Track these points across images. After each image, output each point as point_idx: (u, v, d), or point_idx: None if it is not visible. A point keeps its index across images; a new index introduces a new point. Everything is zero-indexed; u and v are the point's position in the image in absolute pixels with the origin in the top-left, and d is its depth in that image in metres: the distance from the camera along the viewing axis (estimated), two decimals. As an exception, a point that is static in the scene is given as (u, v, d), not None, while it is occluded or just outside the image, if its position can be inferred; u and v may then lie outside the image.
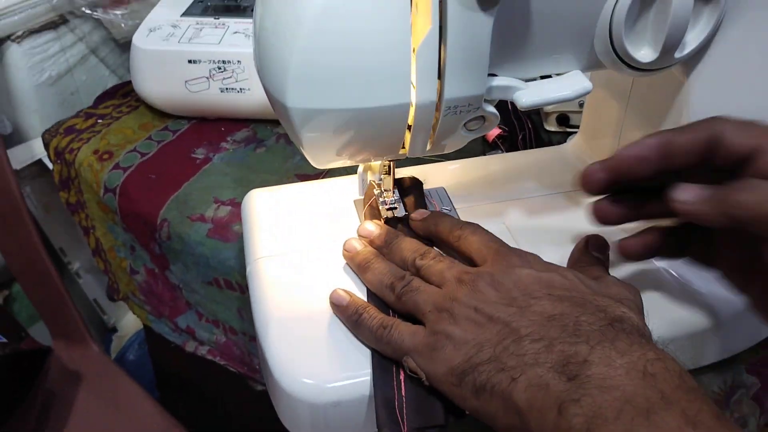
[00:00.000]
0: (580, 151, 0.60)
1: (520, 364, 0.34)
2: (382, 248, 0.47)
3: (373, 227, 0.48)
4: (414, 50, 0.37)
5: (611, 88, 0.52)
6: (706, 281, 0.47)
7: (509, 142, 0.73)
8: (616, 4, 0.38)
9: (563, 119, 0.75)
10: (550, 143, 0.74)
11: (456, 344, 0.37)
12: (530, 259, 0.41)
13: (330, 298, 0.45)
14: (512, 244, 0.49)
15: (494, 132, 0.73)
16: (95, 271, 1.21)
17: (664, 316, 0.46)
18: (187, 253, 0.64)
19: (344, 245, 0.48)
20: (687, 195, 0.36)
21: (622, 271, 0.48)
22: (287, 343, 0.44)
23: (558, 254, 0.49)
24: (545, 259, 0.48)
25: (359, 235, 0.49)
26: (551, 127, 0.76)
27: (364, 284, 0.46)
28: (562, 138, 0.74)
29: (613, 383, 0.31)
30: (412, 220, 0.49)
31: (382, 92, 0.37)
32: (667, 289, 0.47)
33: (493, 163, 0.60)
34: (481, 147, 0.74)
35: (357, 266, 0.47)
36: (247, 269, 0.49)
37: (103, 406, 0.89)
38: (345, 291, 0.45)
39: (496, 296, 0.38)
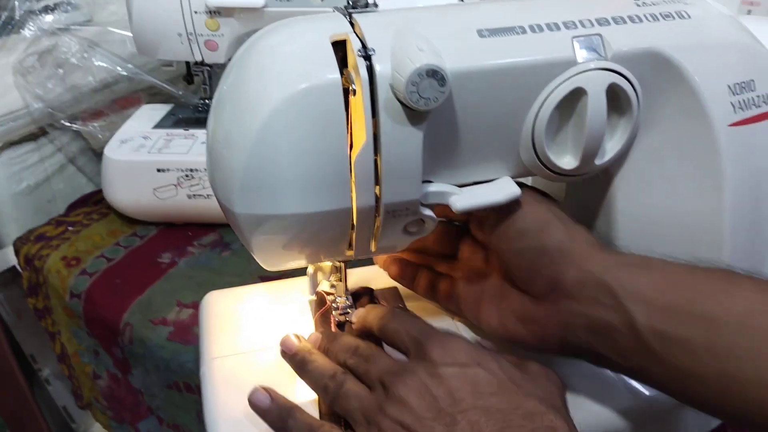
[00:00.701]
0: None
1: None
2: (325, 349, 0.47)
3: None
4: (352, 159, 0.40)
5: (548, 186, 0.56)
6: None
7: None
8: (536, 117, 0.42)
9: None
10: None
11: None
12: (451, 348, 0.41)
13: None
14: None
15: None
16: (65, 378, 1.20)
17: (610, 409, 0.47)
18: (148, 357, 0.65)
19: (281, 342, 0.47)
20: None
21: (564, 365, 0.49)
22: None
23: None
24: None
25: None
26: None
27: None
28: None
29: None
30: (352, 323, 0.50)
31: (325, 198, 0.40)
32: (610, 381, 0.48)
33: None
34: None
35: (295, 367, 0.46)
36: (201, 369, 0.50)
37: None
38: (268, 391, 0.45)
39: (422, 407, 0.38)
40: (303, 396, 0.46)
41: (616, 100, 0.42)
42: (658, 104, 0.43)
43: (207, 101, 0.86)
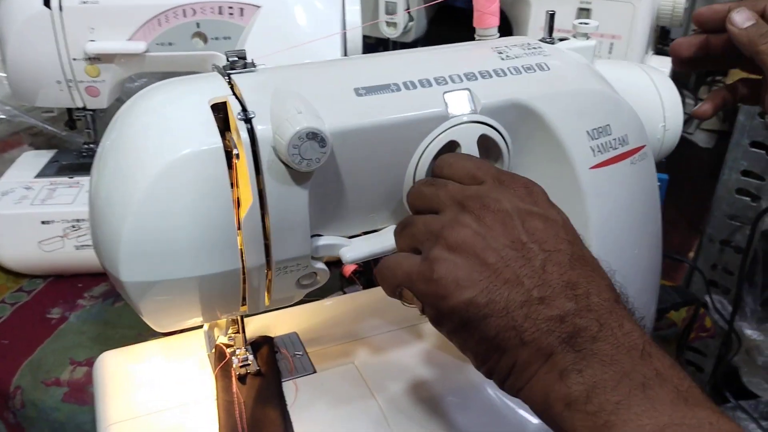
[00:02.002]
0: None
1: (531, 327, 0.33)
2: None
3: None
4: (240, 220, 0.41)
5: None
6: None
7: (365, 275, 0.78)
8: (416, 168, 0.44)
9: (414, 250, 0.81)
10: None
11: (458, 283, 0.34)
12: (536, 193, 0.38)
13: None
14: (362, 385, 0.52)
15: (350, 267, 0.78)
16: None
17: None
18: (42, 420, 0.62)
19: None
20: (738, 18, 0.51)
21: (458, 397, 0.52)
22: None
23: (402, 386, 0.53)
24: (392, 393, 0.51)
25: None
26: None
27: None
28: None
29: (615, 359, 0.32)
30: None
31: (213, 261, 0.41)
32: (499, 413, 0.51)
33: (344, 303, 0.64)
34: (339, 283, 0.78)
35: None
36: (98, 437, 0.49)
37: None
38: None
39: (505, 238, 0.35)
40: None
41: (488, 149, 0.45)
42: (525, 151, 0.46)
43: (91, 146, 0.84)
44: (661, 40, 1.02)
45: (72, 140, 0.95)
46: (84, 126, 0.83)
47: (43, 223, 0.72)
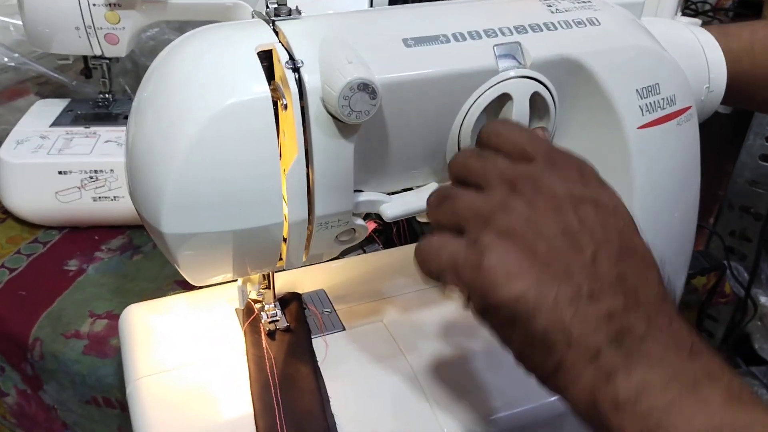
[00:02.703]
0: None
1: (579, 325, 0.32)
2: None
3: None
4: (284, 172, 0.39)
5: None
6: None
7: (385, 234, 0.77)
8: (462, 123, 0.43)
9: (433, 210, 0.80)
10: (423, 233, 0.78)
11: (508, 274, 0.32)
12: (589, 175, 0.36)
13: None
14: (391, 342, 0.52)
15: (370, 226, 0.77)
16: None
17: (534, 401, 0.49)
18: (62, 372, 0.62)
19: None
20: None
21: (490, 359, 0.51)
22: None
23: (432, 346, 0.52)
24: (422, 352, 0.51)
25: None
26: (423, 218, 0.80)
27: None
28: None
29: (664, 359, 0.31)
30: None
31: (256, 214, 0.39)
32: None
33: (371, 261, 0.64)
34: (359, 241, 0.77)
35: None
36: (127, 390, 0.48)
37: None
38: None
39: (557, 226, 0.33)
40: (237, 412, 0.46)
41: (535, 105, 0.44)
42: (573, 109, 0.45)
43: (107, 95, 0.82)
44: (685, 2, 1.00)
45: (80, 90, 0.93)
46: (99, 76, 0.81)
47: (60, 173, 0.71)
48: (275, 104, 0.38)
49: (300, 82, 0.38)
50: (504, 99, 0.42)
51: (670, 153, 0.47)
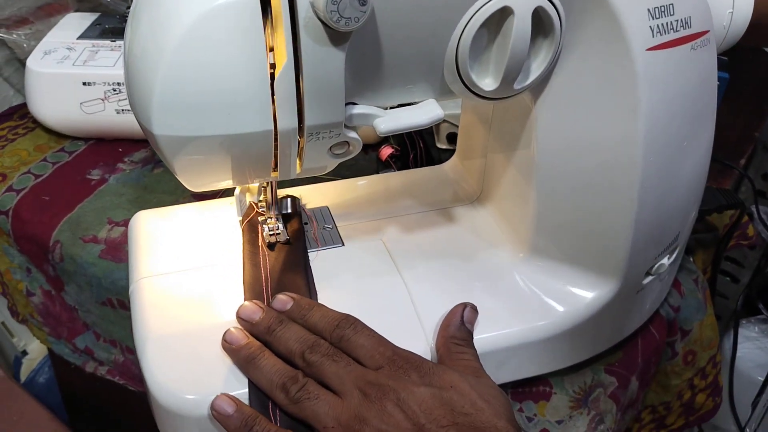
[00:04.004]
0: (456, 170, 0.63)
1: None
2: (265, 335, 0.45)
3: (254, 310, 0.46)
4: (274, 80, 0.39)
5: (477, 114, 0.57)
6: (561, 291, 0.51)
7: (402, 160, 0.77)
8: (460, 38, 0.42)
9: (454, 138, 0.79)
10: (441, 160, 0.77)
11: None
12: (424, 370, 0.42)
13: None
14: (388, 261, 0.52)
15: (387, 151, 0.77)
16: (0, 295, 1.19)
17: (522, 324, 0.49)
18: (80, 275, 0.64)
19: (224, 336, 0.45)
20: None
21: (484, 282, 0.52)
22: (166, 359, 0.45)
23: (429, 266, 0.53)
24: (418, 271, 0.51)
25: (238, 318, 0.46)
26: (442, 145, 0.80)
27: (250, 381, 0.44)
28: (452, 155, 0.78)
29: None
30: (275, 309, 0.47)
31: (245, 119, 0.40)
32: (525, 298, 0.51)
33: (377, 182, 0.64)
34: (375, 166, 0.77)
35: (241, 362, 0.44)
36: (130, 288, 0.51)
37: (8, 430, 0.87)
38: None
39: (406, 422, 0.39)
40: (231, 315, 0.47)
41: (540, 22, 0.42)
42: (580, 27, 0.43)
43: (135, 10, 0.82)
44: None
45: (117, 6, 0.94)
46: (128, -11, 0.82)
47: (84, 84, 0.72)
48: (265, 8, 0.38)
49: (290, -13, 0.37)
50: (505, 13, 0.41)
51: (682, 78, 0.46)
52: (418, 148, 0.77)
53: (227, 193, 0.68)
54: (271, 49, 0.39)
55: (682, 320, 0.63)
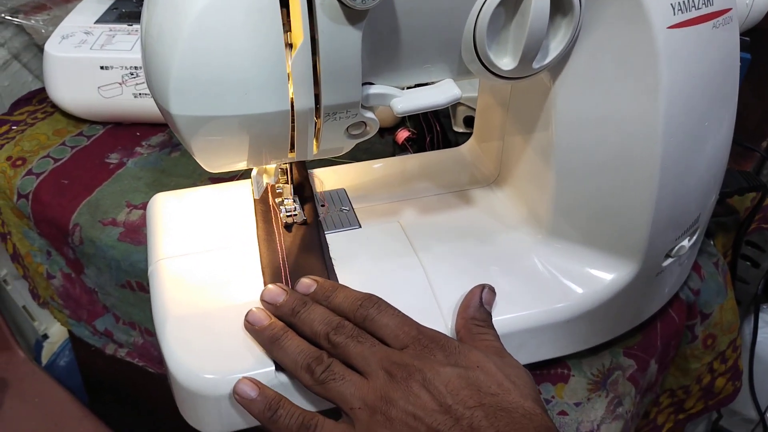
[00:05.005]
0: (473, 152, 0.63)
1: None
2: (290, 317, 0.45)
3: (278, 292, 0.46)
4: (290, 59, 0.39)
5: (495, 95, 0.56)
6: (579, 273, 0.51)
7: (418, 143, 0.76)
8: (478, 16, 0.41)
9: (470, 121, 0.78)
10: (457, 144, 0.77)
11: None
12: (450, 350, 0.42)
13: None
14: (405, 242, 0.52)
15: (403, 134, 0.76)
16: (22, 278, 1.20)
17: (542, 306, 0.49)
18: (99, 257, 0.65)
19: (247, 317, 0.45)
20: None
21: (502, 264, 0.51)
22: (185, 339, 0.46)
23: (446, 248, 0.52)
24: (435, 253, 0.51)
25: (262, 301, 0.46)
26: (459, 128, 0.79)
27: (273, 361, 0.44)
28: (468, 138, 0.78)
29: None
30: (298, 292, 0.47)
31: (262, 99, 0.40)
32: (543, 280, 0.51)
33: (395, 164, 0.63)
34: (391, 149, 0.77)
35: (265, 342, 0.44)
36: (149, 270, 0.51)
37: (29, 412, 0.89)
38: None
39: (432, 403, 0.39)
40: (248, 296, 0.47)
41: (559, 0, 0.42)
42: (599, 5, 0.43)
43: (151, -6, 0.83)
44: None
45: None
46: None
47: (101, 68, 0.72)
48: (282, -13, 0.38)
49: (306, -35, 0.37)
50: (523, -9, 0.41)
51: (703, 57, 0.45)
52: (434, 132, 0.76)
53: (244, 175, 0.68)
54: (288, 29, 0.39)
55: (702, 303, 0.63)
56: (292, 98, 0.40)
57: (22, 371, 0.96)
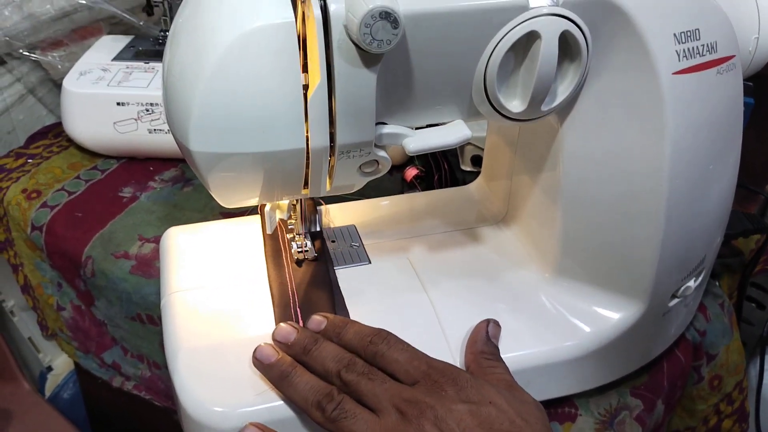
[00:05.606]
0: (482, 191, 0.64)
1: None
2: (301, 355, 0.45)
3: (289, 331, 0.46)
4: (307, 99, 0.41)
5: (503, 135, 0.57)
6: (586, 312, 0.51)
7: (426, 181, 0.78)
8: (488, 60, 0.43)
9: (478, 160, 0.80)
10: (465, 182, 0.78)
11: None
12: (461, 384, 0.42)
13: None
14: (414, 278, 0.53)
15: (412, 172, 0.78)
16: (29, 309, 1.20)
17: (550, 344, 0.50)
18: (110, 289, 0.66)
19: (255, 353, 0.45)
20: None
21: (509, 302, 0.52)
22: (196, 372, 0.46)
23: (454, 284, 0.53)
24: (444, 289, 0.52)
25: (274, 340, 0.46)
26: (467, 167, 0.80)
27: (284, 398, 0.44)
28: (476, 177, 0.79)
29: None
30: (309, 330, 0.47)
31: (279, 137, 0.41)
32: (550, 318, 0.51)
33: (404, 202, 0.65)
34: (400, 186, 0.78)
35: (274, 378, 0.44)
36: (161, 302, 0.52)
37: (33, 445, 0.89)
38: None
39: None
40: (260, 330, 0.48)
41: (567, 46, 0.43)
42: (607, 51, 0.44)
43: (167, 33, 0.85)
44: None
45: (149, 30, 0.97)
46: (161, 14, 0.84)
47: (118, 104, 0.74)
48: (300, 30, 0.39)
49: (324, 9, 0.38)
50: (532, 37, 0.42)
51: (707, 102, 0.46)
52: (442, 170, 0.77)
53: (254, 210, 0.69)
54: (305, 70, 0.41)
55: (708, 344, 0.63)
56: (307, 136, 0.42)
57: (27, 403, 0.96)
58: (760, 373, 0.86)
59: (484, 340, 0.47)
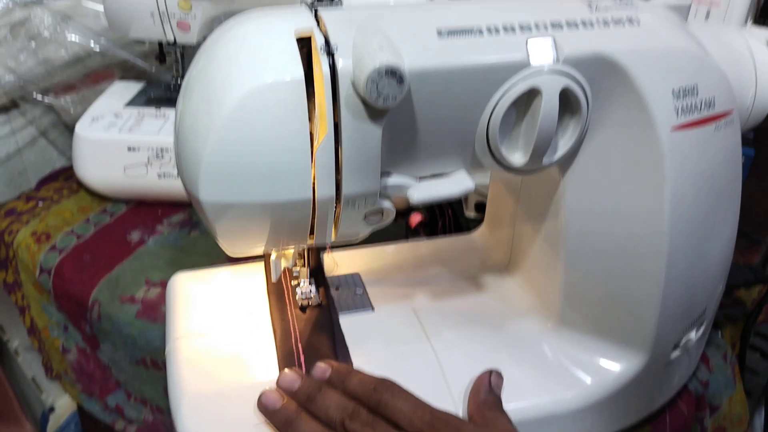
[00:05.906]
0: (484, 239, 0.65)
1: None
2: (305, 403, 0.45)
3: (294, 378, 0.46)
4: (314, 151, 0.42)
5: (506, 185, 0.58)
6: (588, 363, 0.52)
7: (430, 227, 0.78)
8: (491, 115, 0.44)
9: (481, 207, 0.81)
10: (468, 229, 0.79)
11: None
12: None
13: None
14: (417, 327, 0.53)
15: (416, 218, 0.78)
16: (34, 350, 1.20)
17: (550, 395, 0.50)
18: (116, 333, 0.66)
19: (260, 399, 0.46)
20: None
21: (512, 352, 0.52)
22: (199, 417, 0.46)
23: (457, 334, 0.53)
24: (447, 339, 0.52)
25: (278, 387, 0.47)
26: (471, 213, 0.81)
27: None
28: (480, 224, 0.80)
29: None
30: (313, 377, 0.47)
31: (286, 188, 0.42)
32: (552, 369, 0.51)
33: (408, 249, 0.65)
34: (404, 232, 0.79)
35: (279, 425, 0.44)
36: (166, 348, 0.52)
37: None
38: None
39: None
40: (264, 376, 0.48)
41: (568, 101, 0.44)
42: (606, 107, 0.45)
43: (179, 81, 0.87)
44: (763, 11, 0.97)
45: (161, 76, 0.99)
46: (173, 62, 0.86)
47: (129, 149, 0.76)
48: (309, 86, 0.41)
49: (333, 66, 0.40)
50: (533, 94, 0.43)
51: (706, 157, 0.47)
52: (446, 216, 0.78)
53: (261, 256, 0.70)
54: (313, 122, 0.42)
55: (711, 396, 0.63)
56: (314, 187, 0.43)
57: (28, 445, 0.95)
58: (765, 423, 0.85)
59: (487, 391, 0.47)
